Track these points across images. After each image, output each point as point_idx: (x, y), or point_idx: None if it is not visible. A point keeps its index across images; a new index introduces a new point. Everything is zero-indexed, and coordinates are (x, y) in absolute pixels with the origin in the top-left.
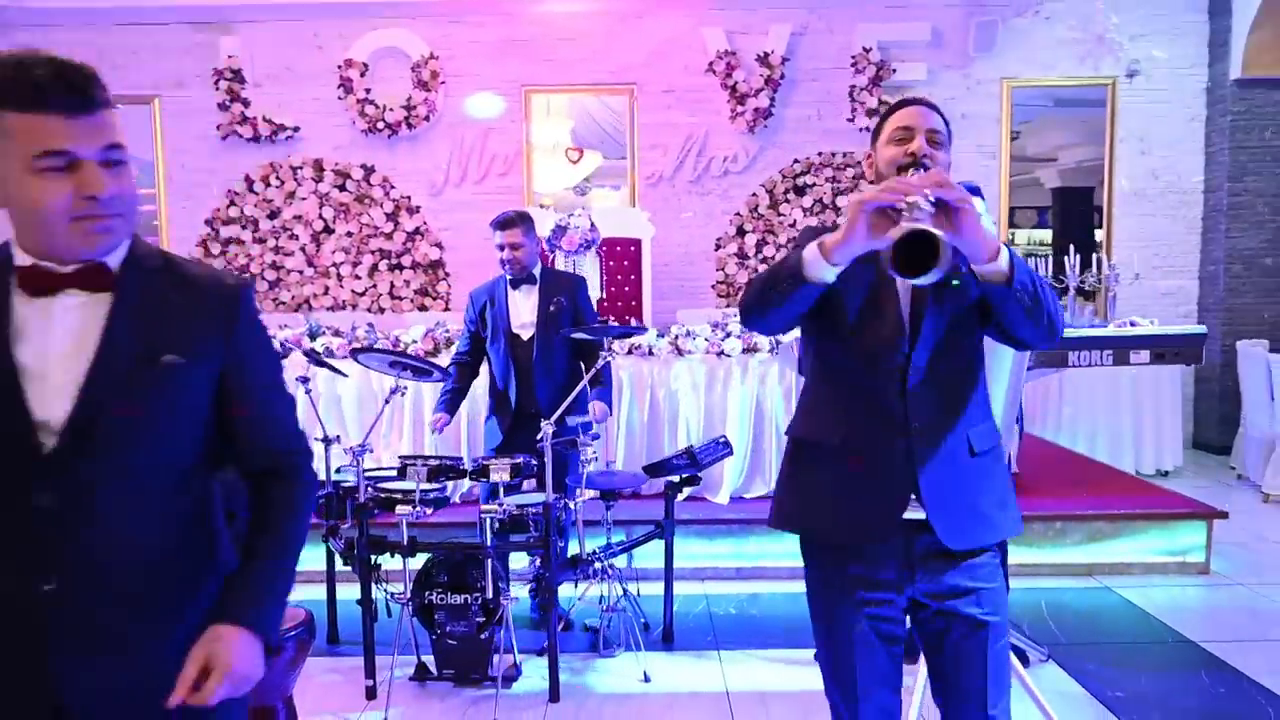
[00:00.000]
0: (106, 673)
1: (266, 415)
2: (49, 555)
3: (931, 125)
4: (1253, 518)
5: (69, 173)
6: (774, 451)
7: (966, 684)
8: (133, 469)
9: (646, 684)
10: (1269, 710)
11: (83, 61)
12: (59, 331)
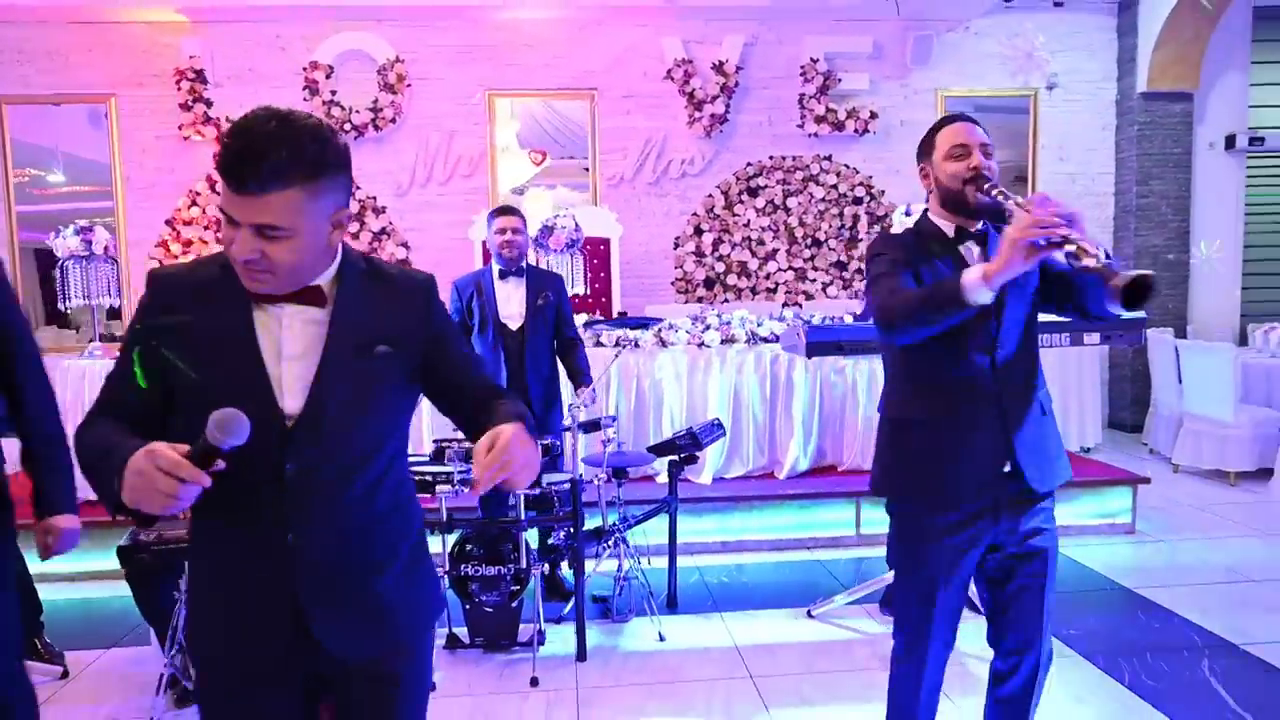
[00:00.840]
0: (337, 604)
1: (468, 372)
2: (292, 513)
3: (982, 140)
4: (1166, 486)
5: (236, 228)
6: (751, 434)
7: (1031, 607)
8: (352, 443)
9: (662, 643)
10: (1195, 638)
11: (275, 142)
12: (290, 339)
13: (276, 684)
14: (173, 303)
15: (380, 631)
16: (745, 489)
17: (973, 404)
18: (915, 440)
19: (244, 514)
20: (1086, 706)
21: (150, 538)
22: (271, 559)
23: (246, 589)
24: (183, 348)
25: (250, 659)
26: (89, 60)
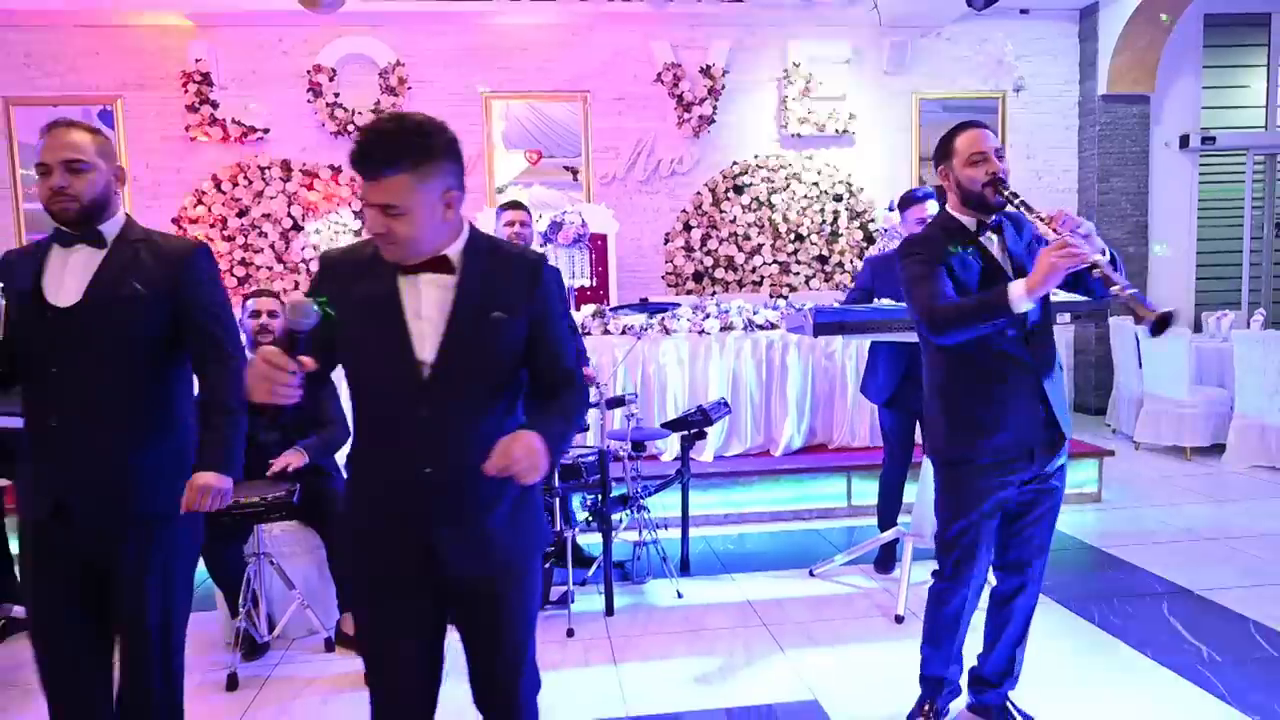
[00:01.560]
0: (460, 527)
1: (559, 351)
2: (426, 450)
3: (996, 145)
4: (1129, 461)
5: (369, 209)
6: (749, 415)
7: (1040, 539)
8: (474, 390)
9: (681, 599)
10: (1156, 586)
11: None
12: (425, 301)
13: (411, 596)
14: (335, 275)
15: (491, 555)
16: (744, 465)
17: (1014, 371)
18: (967, 407)
19: (389, 449)
20: (1062, 642)
21: (282, 494)
22: (410, 488)
23: (390, 514)
24: (342, 310)
25: (390, 574)
26: (95, 63)
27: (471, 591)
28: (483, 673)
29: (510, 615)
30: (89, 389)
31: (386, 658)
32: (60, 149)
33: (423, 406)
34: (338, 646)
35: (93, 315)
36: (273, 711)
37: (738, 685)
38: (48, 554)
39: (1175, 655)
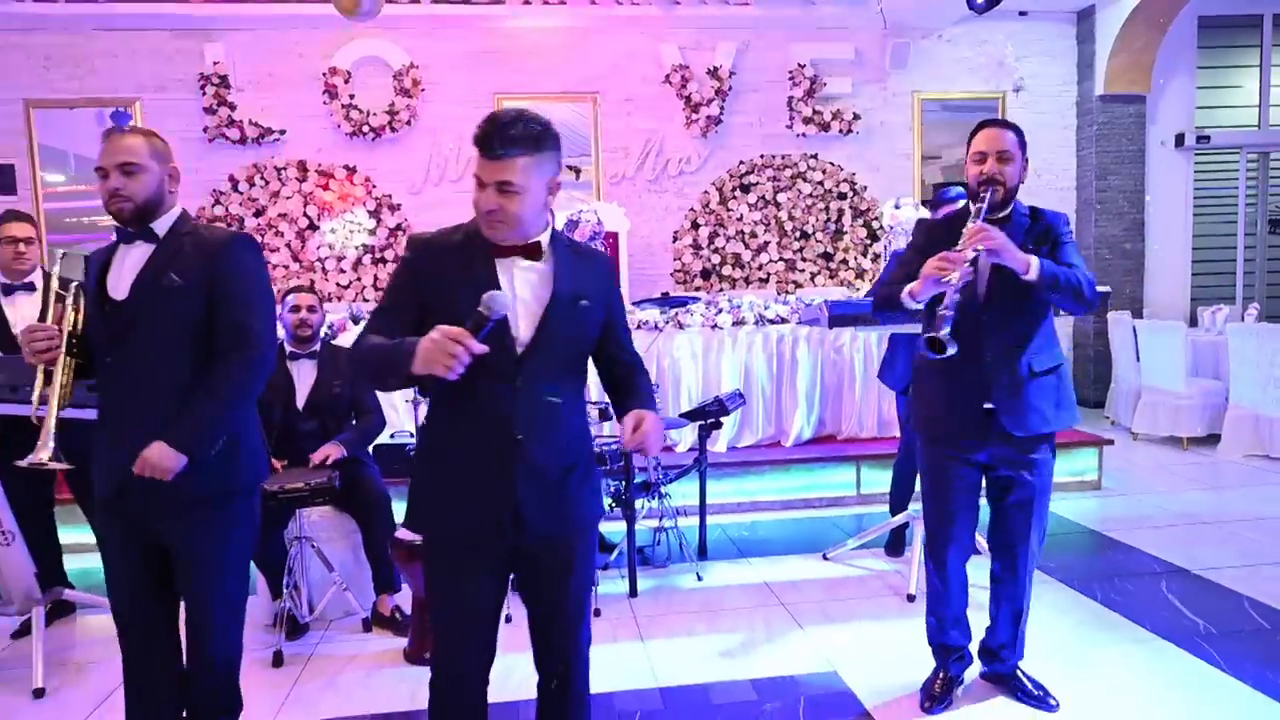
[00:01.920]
0: (544, 490)
1: (626, 338)
2: (518, 419)
3: (1001, 147)
4: (1127, 450)
5: (483, 189)
6: (760, 407)
7: (1018, 526)
8: (561, 365)
9: (700, 582)
10: (1155, 567)
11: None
12: (520, 284)
13: (490, 554)
14: (430, 253)
15: (566, 516)
16: (756, 455)
17: (962, 363)
18: (926, 385)
19: (485, 416)
20: (1067, 618)
21: (274, 488)
22: (501, 454)
23: (478, 476)
24: (439, 291)
25: (474, 531)
26: (114, 65)
27: (546, 551)
28: (546, 628)
29: (577, 572)
30: (140, 377)
31: (457, 617)
32: (116, 153)
33: (517, 379)
34: (375, 627)
35: (139, 307)
36: (319, 685)
37: (760, 659)
38: (116, 532)
39: (1173, 629)
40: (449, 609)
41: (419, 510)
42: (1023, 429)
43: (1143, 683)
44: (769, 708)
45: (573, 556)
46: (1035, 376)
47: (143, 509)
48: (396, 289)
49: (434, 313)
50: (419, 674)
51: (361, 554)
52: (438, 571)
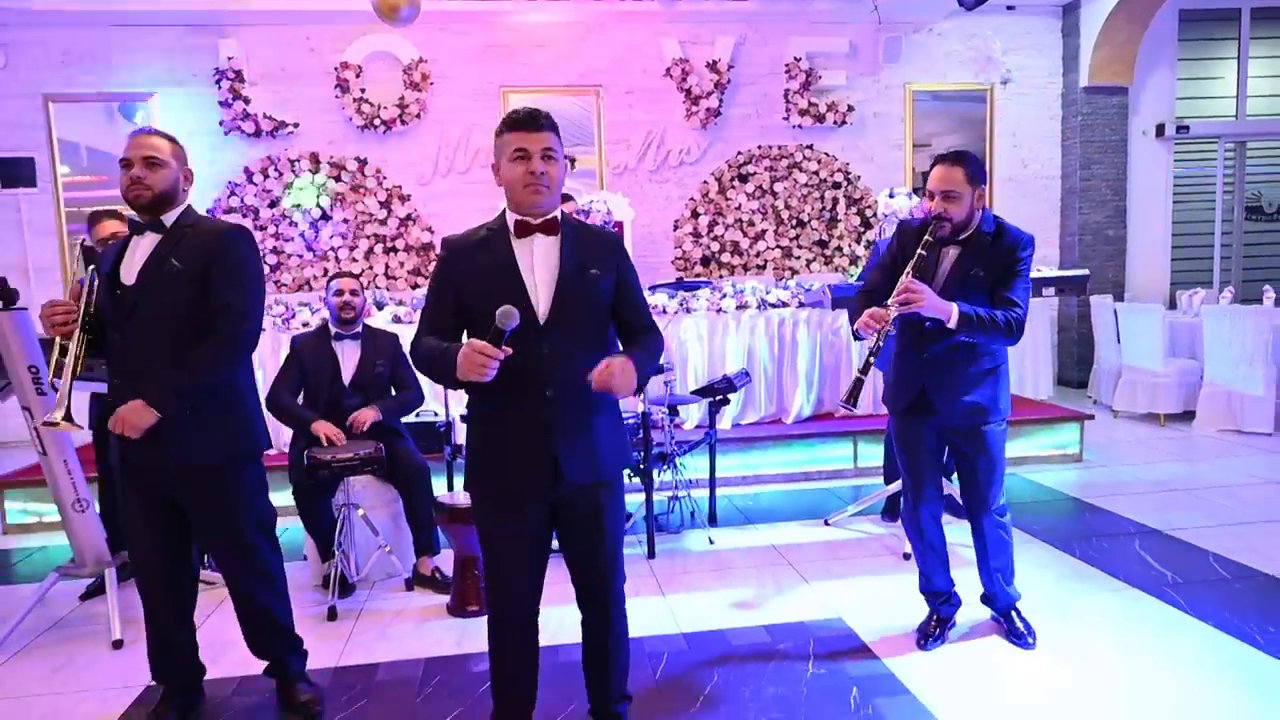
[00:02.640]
0: (575, 439)
1: (640, 306)
2: (548, 377)
3: (946, 187)
4: (1107, 427)
5: (526, 160)
6: (762, 386)
7: (974, 489)
8: (581, 330)
9: (712, 545)
10: (1129, 528)
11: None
12: (537, 261)
13: (534, 504)
14: (461, 251)
15: (598, 464)
16: (759, 432)
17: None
18: (890, 371)
19: (519, 380)
20: (1048, 571)
21: (328, 458)
22: (537, 409)
23: (519, 433)
24: (469, 280)
25: (519, 485)
26: (131, 60)
27: (580, 500)
28: (586, 567)
29: (610, 514)
30: (144, 353)
31: (510, 556)
32: (141, 148)
33: (543, 345)
34: (416, 586)
35: (143, 290)
36: (372, 635)
37: (771, 609)
38: (132, 494)
39: (1144, 579)
40: (500, 555)
41: (473, 469)
42: (946, 407)
43: (1117, 625)
44: (782, 647)
45: (607, 500)
46: (969, 374)
47: (154, 476)
48: (435, 287)
49: (466, 296)
50: (463, 624)
51: (402, 520)
52: (490, 522)
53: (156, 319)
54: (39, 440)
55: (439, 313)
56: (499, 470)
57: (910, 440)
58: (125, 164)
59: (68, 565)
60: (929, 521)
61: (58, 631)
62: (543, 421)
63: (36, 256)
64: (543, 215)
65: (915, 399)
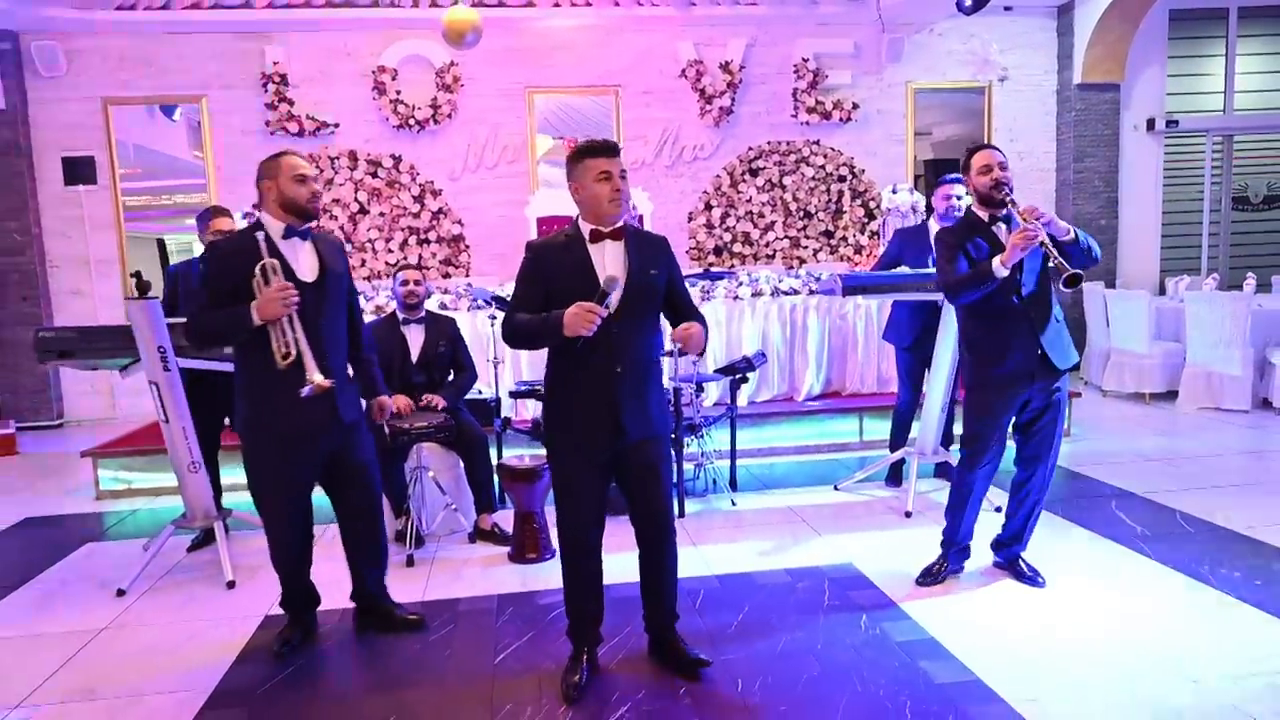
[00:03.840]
0: (635, 403)
1: (687, 295)
2: (616, 355)
3: (1000, 160)
4: (1095, 405)
5: (608, 180)
6: (775, 367)
7: (1047, 440)
8: (641, 318)
9: (735, 506)
10: (1107, 491)
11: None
12: (608, 261)
13: (600, 455)
14: (546, 252)
15: (651, 422)
16: (772, 409)
17: (1013, 321)
18: (981, 348)
19: (593, 357)
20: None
21: (407, 425)
22: (606, 380)
23: (591, 398)
24: (554, 277)
25: (589, 441)
26: (182, 66)
27: (636, 452)
28: (646, 509)
29: (663, 463)
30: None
31: (581, 493)
32: (309, 168)
33: (613, 328)
34: (478, 539)
35: (321, 286)
36: (447, 578)
37: (790, 556)
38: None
39: (1117, 533)
40: (575, 493)
41: (554, 425)
42: (1064, 362)
43: (1090, 568)
44: (801, 586)
45: (657, 456)
46: (1058, 321)
47: (321, 436)
48: (527, 280)
49: (552, 285)
50: (523, 570)
51: (463, 482)
52: (566, 467)
53: (334, 308)
54: (162, 409)
55: (529, 300)
56: (575, 426)
57: (997, 411)
58: (302, 179)
59: (180, 519)
60: (984, 482)
61: (174, 577)
62: (610, 389)
63: (97, 249)
64: (614, 225)
65: (1032, 362)
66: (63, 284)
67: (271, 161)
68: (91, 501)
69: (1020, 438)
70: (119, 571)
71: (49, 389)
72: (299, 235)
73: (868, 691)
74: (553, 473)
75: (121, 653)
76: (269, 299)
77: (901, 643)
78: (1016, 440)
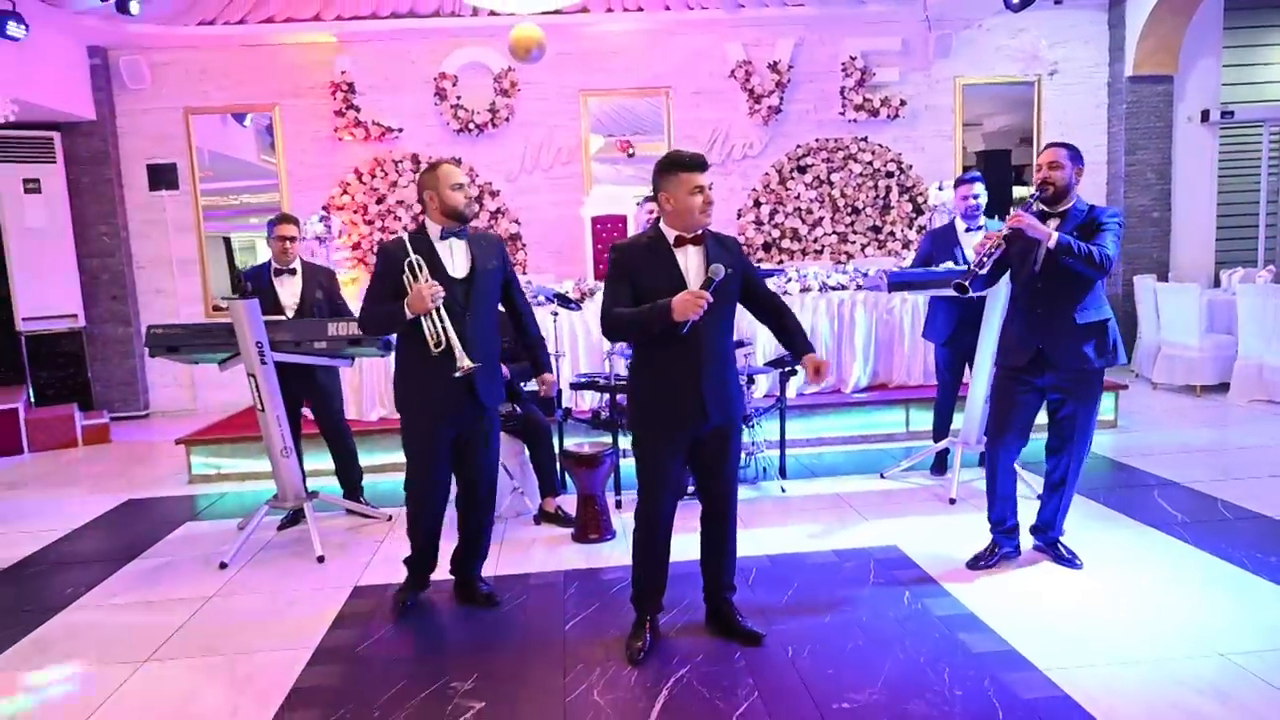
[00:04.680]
0: (716, 391)
1: (769, 294)
2: (700, 346)
3: (1051, 159)
4: (1144, 398)
5: (699, 193)
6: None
7: (1069, 432)
8: (720, 314)
9: (784, 493)
10: (1150, 481)
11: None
12: (690, 262)
13: (682, 437)
14: (631, 252)
15: (729, 409)
16: (821, 400)
17: (1025, 310)
18: (1004, 332)
19: (679, 348)
20: (1073, 513)
21: (507, 409)
22: (695, 369)
23: (679, 385)
24: (640, 276)
25: (678, 424)
26: (257, 77)
27: (714, 438)
28: (716, 486)
29: (733, 450)
30: (478, 327)
31: (665, 471)
32: (464, 177)
33: (698, 323)
34: (542, 521)
35: (474, 281)
36: (517, 556)
37: (838, 538)
38: (437, 429)
39: (1157, 519)
40: (657, 469)
41: (643, 407)
42: (1064, 361)
43: (1129, 554)
44: (847, 565)
45: (730, 440)
46: (1078, 326)
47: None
48: (616, 278)
49: (639, 284)
50: (587, 549)
51: (528, 468)
52: (651, 446)
53: (487, 301)
54: (259, 399)
55: (621, 296)
56: (666, 410)
57: (1011, 393)
58: (459, 187)
59: (273, 500)
60: (1005, 459)
61: (268, 552)
62: (698, 377)
63: (178, 250)
64: (695, 232)
65: (1032, 356)
66: (148, 283)
67: (430, 173)
68: (184, 485)
69: (1049, 426)
70: (217, 547)
71: (136, 381)
72: (455, 235)
73: (909, 659)
74: (640, 452)
75: (231, 617)
76: (417, 295)
77: (942, 616)
78: (1048, 431)
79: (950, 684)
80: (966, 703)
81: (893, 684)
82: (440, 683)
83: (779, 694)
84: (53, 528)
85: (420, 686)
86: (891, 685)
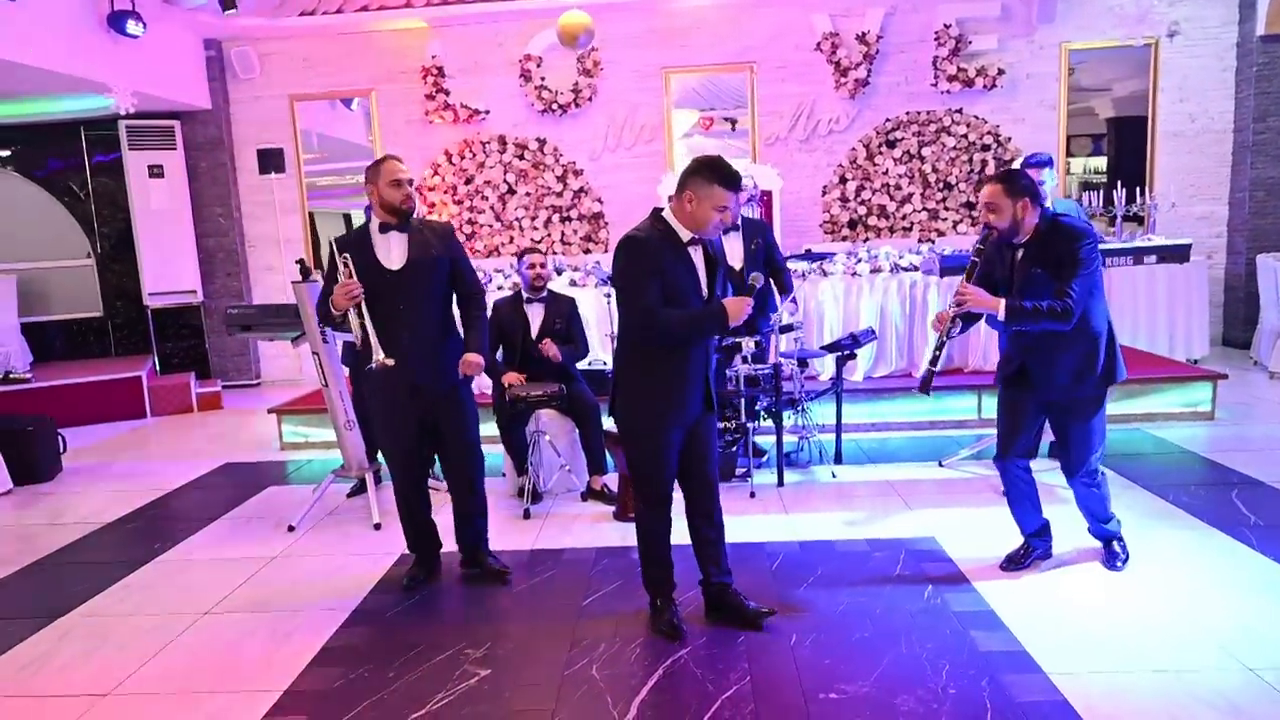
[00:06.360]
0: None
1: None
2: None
3: (987, 200)
4: (1257, 387)
5: (725, 210)
6: (893, 343)
7: (1065, 442)
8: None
9: (834, 479)
10: (1232, 479)
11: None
12: (699, 263)
13: (689, 422)
14: (654, 247)
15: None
16: (888, 384)
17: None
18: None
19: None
20: (1130, 512)
21: (524, 394)
22: (703, 361)
23: (692, 377)
24: (663, 271)
25: (688, 412)
26: (354, 64)
27: (705, 420)
28: (707, 475)
29: (715, 432)
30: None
31: (670, 455)
32: (406, 173)
33: None
34: (589, 498)
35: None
36: (557, 531)
37: (875, 527)
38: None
39: (1225, 521)
40: (662, 458)
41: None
42: (1044, 384)
43: (1181, 556)
44: (877, 555)
45: (714, 426)
46: (1059, 348)
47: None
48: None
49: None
50: (625, 527)
51: (578, 446)
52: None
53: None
54: (322, 374)
55: (653, 292)
56: (676, 399)
57: (1008, 404)
58: (398, 184)
59: (339, 470)
60: (1015, 474)
61: (334, 517)
62: (705, 368)
63: (285, 231)
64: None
65: (1017, 371)
66: (259, 261)
67: (374, 168)
68: (276, 451)
69: (1053, 433)
70: (292, 510)
71: (249, 352)
72: (394, 229)
73: (911, 653)
74: (646, 439)
75: (288, 576)
76: (337, 292)
77: (959, 612)
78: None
79: (946, 681)
80: (957, 701)
81: (887, 677)
82: (455, 649)
83: (770, 681)
84: (159, 486)
85: (437, 651)
86: (885, 679)
